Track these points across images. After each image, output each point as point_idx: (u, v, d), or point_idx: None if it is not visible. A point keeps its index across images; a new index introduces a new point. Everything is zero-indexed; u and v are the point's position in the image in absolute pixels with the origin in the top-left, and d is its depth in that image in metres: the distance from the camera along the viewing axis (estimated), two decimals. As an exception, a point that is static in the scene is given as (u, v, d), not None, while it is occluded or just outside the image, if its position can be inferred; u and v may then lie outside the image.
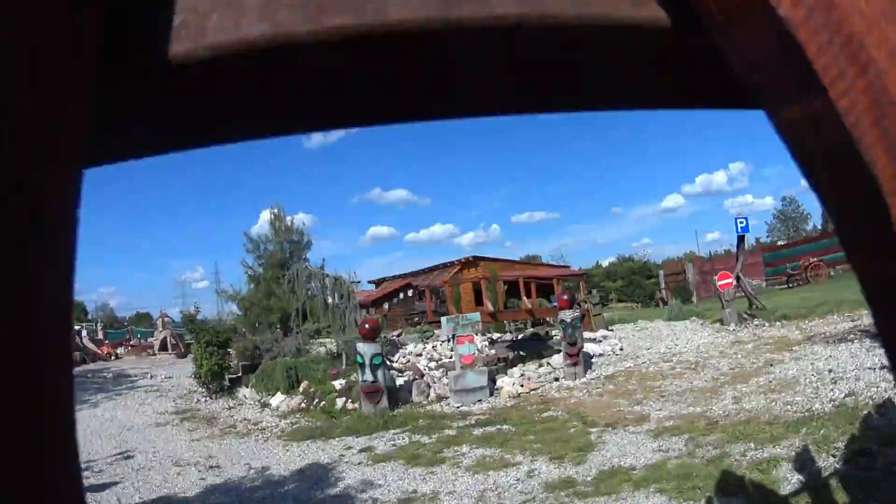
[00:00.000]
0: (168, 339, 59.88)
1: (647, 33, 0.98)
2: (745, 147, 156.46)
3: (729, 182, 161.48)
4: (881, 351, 8.61)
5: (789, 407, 13.39)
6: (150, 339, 67.88)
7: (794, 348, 19.90)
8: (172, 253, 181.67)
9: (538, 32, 0.96)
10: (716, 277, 30.37)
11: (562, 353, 22.90)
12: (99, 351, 59.35)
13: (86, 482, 14.65)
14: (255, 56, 0.94)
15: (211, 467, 16.30)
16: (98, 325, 77.79)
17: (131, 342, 70.69)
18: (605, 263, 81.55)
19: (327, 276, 32.10)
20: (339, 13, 0.92)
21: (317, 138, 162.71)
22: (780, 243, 76.24)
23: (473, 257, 55.55)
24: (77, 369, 46.48)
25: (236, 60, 0.94)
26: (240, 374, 29.84)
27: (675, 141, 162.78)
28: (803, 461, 9.91)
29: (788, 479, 9.52)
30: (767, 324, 26.18)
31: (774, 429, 11.99)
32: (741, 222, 31.11)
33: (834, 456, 9.98)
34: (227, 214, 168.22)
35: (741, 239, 31.57)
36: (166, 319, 71.73)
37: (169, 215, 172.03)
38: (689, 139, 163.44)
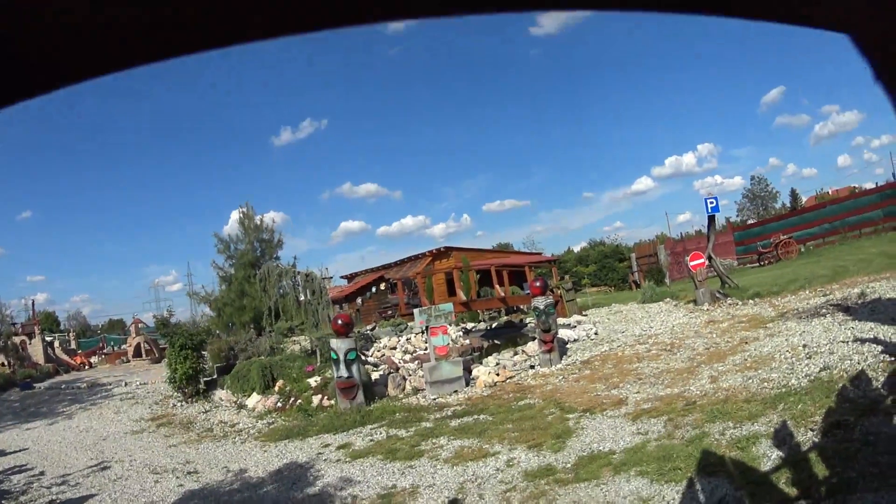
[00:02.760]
0: (142, 345, 59.86)
1: None
2: (713, 128, 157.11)
3: (698, 163, 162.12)
4: (854, 324, 8.73)
5: (766, 384, 13.44)
6: (123, 346, 67.73)
7: (767, 325, 20.02)
8: (145, 257, 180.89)
9: None
10: (688, 258, 30.38)
11: (536, 341, 23.01)
12: (72, 361, 59.30)
13: (62, 496, 14.76)
14: None
15: (189, 473, 16.27)
16: (70, 334, 77.55)
17: (105, 350, 70.56)
18: (576, 249, 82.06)
19: (298, 273, 32.11)
20: None
21: (286, 135, 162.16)
22: (750, 222, 76.75)
23: (445, 248, 55.78)
24: (51, 381, 46.57)
25: None
26: (215, 377, 29.78)
27: (644, 124, 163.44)
28: (782, 437, 9.94)
29: (768, 456, 9.53)
30: (740, 302, 26.30)
31: (752, 406, 12.03)
32: (711, 202, 31.22)
33: (812, 430, 10.00)
34: (198, 216, 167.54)
35: (711, 219, 31.65)
36: (139, 325, 71.78)
37: (140, 220, 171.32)
38: (657, 122, 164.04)
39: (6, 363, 49.14)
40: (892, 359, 12.25)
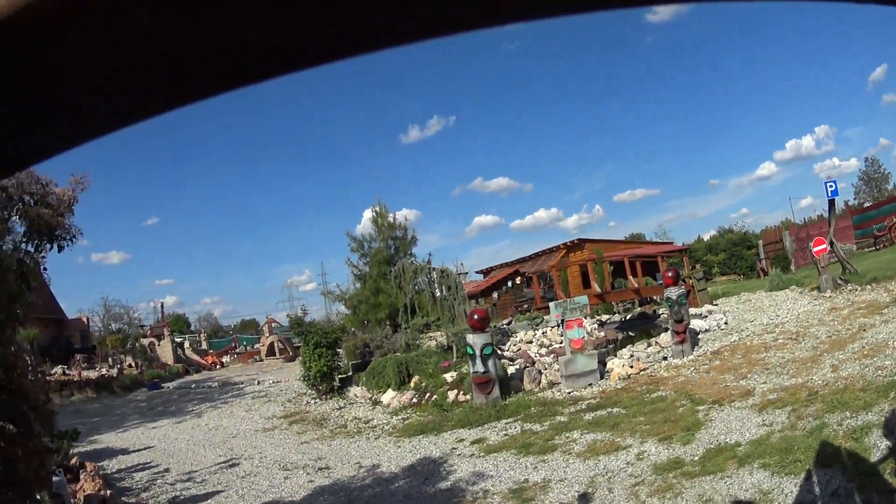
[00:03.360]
0: (275, 344, 60.53)
1: None
2: (826, 109, 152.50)
3: (816, 146, 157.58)
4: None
5: (880, 371, 13.53)
6: (256, 346, 68.62)
7: (883, 311, 19.87)
8: (277, 258, 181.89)
9: None
10: (811, 244, 30.14)
11: (669, 332, 23.09)
12: (203, 361, 60.59)
13: (186, 493, 15.35)
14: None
15: (320, 469, 16.68)
16: (201, 335, 78.85)
17: (237, 350, 71.46)
18: (706, 237, 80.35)
19: (434, 269, 32.46)
20: None
21: (414, 133, 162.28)
22: (866, 205, 74.71)
23: (579, 240, 54.88)
24: (180, 381, 48.07)
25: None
26: (350, 374, 30.26)
27: (763, 107, 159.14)
28: (891, 426, 10.05)
29: (878, 446, 9.75)
30: (859, 288, 25.97)
31: (867, 395, 12.17)
32: (830, 186, 30.76)
33: (921, 419, 10.11)
34: (330, 216, 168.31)
35: (832, 203, 31.19)
36: (273, 324, 72.26)
37: (271, 221, 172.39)
38: (775, 105, 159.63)
39: (134, 364, 50.50)
40: None
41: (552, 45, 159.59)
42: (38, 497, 8.15)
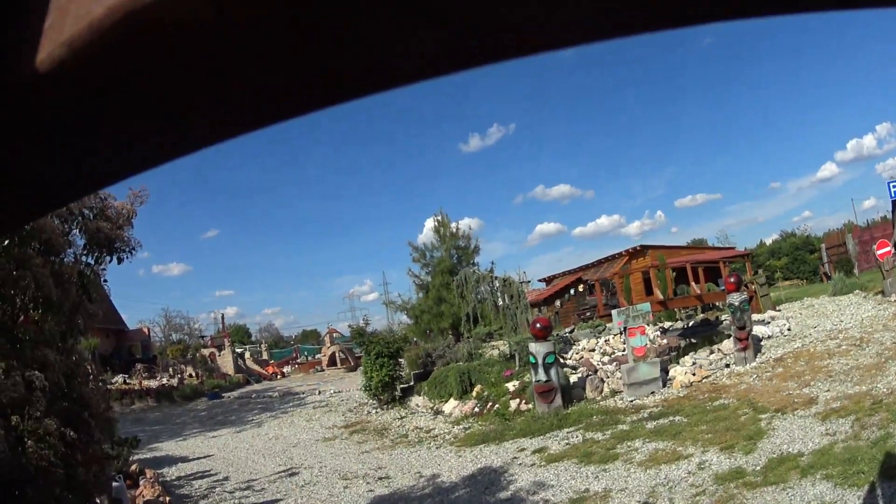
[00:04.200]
0: (337, 354, 61.10)
1: None
2: (888, 106, 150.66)
3: (878, 144, 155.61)
4: None
5: (949, 380, 13.12)
6: (317, 356, 69.08)
7: (954, 316, 19.39)
8: (338, 269, 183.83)
9: None
10: (875, 247, 29.60)
11: (732, 338, 22.72)
12: (264, 371, 61.31)
13: (245, 501, 15.21)
14: (109, 44, 0.78)
15: (380, 478, 16.61)
16: (262, 345, 79.66)
17: (298, 360, 72.10)
18: (768, 241, 79.72)
19: (496, 278, 32.40)
20: None
21: (474, 142, 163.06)
22: (933, 205, 73.65)
23: (641, 246, 54.88)
24: (240, 391, 48.59)
25: (93, 53, 0.79)
26: (411, 383, 30.14)
27: (822, 107, 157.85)
28: None
29: None
30: (926, 291, 25.32)
31: (935, 405, 11.80)
32: (894, 187, 30.35)
33: None
34: (391, 225, 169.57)
35: (895, 204, 30.73)
36: (334, 335, 72.80)
37: (333, 232, 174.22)
38: (834, 105, 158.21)
39: (195, 374, 51.09)
40: None
41: (609, 51, 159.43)
42: (97, 501, 8.30)
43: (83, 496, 7.46)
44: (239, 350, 66.23)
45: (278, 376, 61.48)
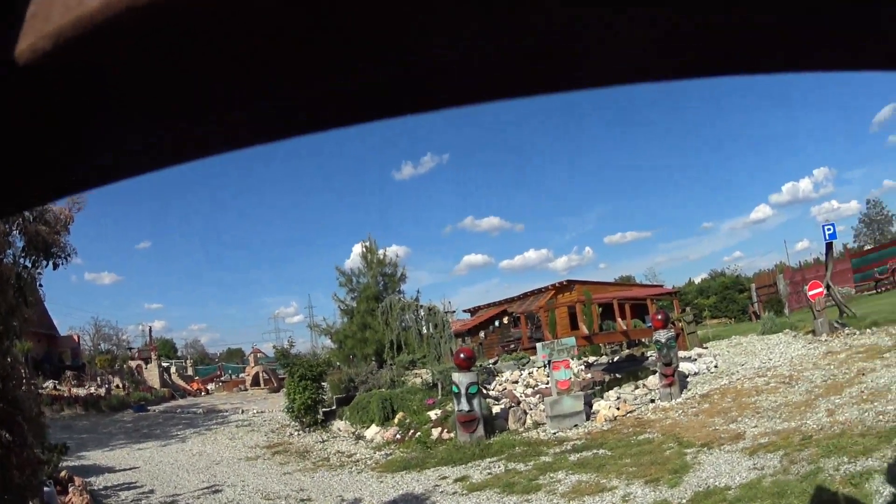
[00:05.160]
0: (261, 374, 60.81)
1: None
2: (827, 151, 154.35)
3: (814, 188, 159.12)
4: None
5: (881, 417, 13.20)
6: (241, 375, 69.03)
7: (884, 355, 19.54)
8: (265, 289, 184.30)
9: None
10: (806, 287, 29.90)
11: (657, 374, 22.85)
12: (188, 387, 61.03)
13: None
14: (102, 41, 0.73)
15: (302, 500, 16.52)
16: (188, 361, 79.73)
17: (222, 378, 72.00)
18: (697, 280, 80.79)
19: (421, 306, 32.62)
20: None
21: (407, 170, 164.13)
22: (867, 248, 75.17)
23: (568, 281, 55.28)
24: (166, 405, 48.37)
25: (81, 46, 0.74)
26: (334, 407, 30.12)
27: (760, 150, 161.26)
28: (895, 473, 9.75)
29: (881, 492, 9.37)
30: (858, 332, 25.59)
31: (867, 440, 11.83)
32: (828, 229, 30.73)
33: (927, 465, 9.80)
34: (319, 249, 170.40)
35: (829, 247, 31.10)
36: (259, 355, 73.10)
37: (260, 251, 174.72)
38: (773, 148, 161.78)
39: (121, 385, 50.69)
40: None
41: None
42: (30, 504, 8.23)
43: (18, 499, 7.54)
44: (165, 364, 65.91)
45: (203, 393, 61.21)
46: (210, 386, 65.98)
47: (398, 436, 23.27)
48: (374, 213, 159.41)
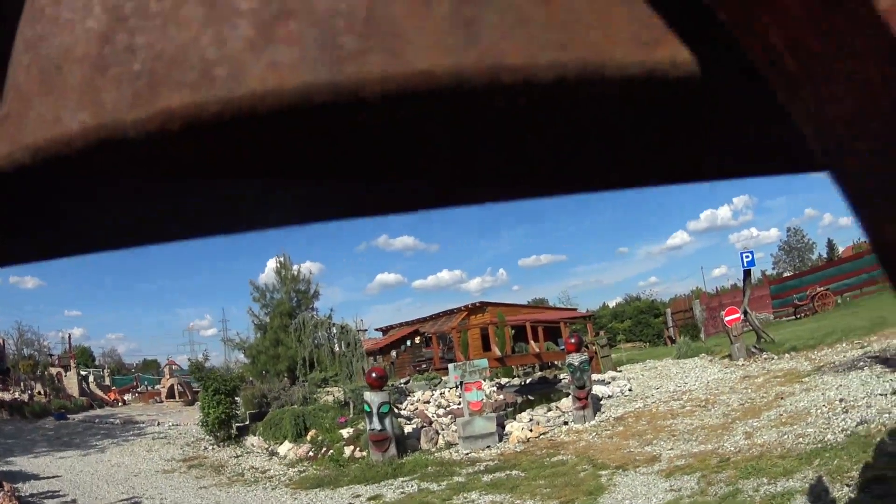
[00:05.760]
0: (175, 387, 60.45)
1: (665, 83, 0.71)
2: (749, 180, 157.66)
3: (734, 216, 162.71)
4: (893, 377, 8.52)
5: (801, 439, 13.24)
6: (157, 387, 68.71)
7: (803, 379, 19.75)
8: (180, 300, 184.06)
9: (481, 96, 0.71)
10: (723, 313, 30.19)
11: (570, 397, 22.86)
12: (106, 397, 60.65)
13: None
14: (80, 157, 0.70)
15: None
16: (105, 371, 79.10)
17: (138, 389, 71.70)
18: (612, 304, 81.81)
19: (334, 324, 32.52)
20: (175, 90, 0.67)
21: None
22: (786, 275, 76.37)
23: (481, 303, 55.55)
24: (85, 414, 47.67)
25: (61, 163, 0.71)
26: (247, 423, 30.08)
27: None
28: (818, 493, 9.79)
29: None
30: (776, 357, 25.91)
31: (787, 462, 11.84)
32: (747, 256, 31.20)
33: (848, 485, 9.82)
34: (234, 262, 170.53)
35: (747, 273, 31.55)
36: (174, 367, 72.87)
37: (177, 262, 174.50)
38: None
39: (43, 392, 50.23)
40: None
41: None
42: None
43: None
44: (84, 373, 65.23)
45: (119, 403, 60.61)
46: (127, 396, 65.65)
47: (311, 453, 23.20)
48: (290, 230, 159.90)
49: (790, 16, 0.57)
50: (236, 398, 30.25)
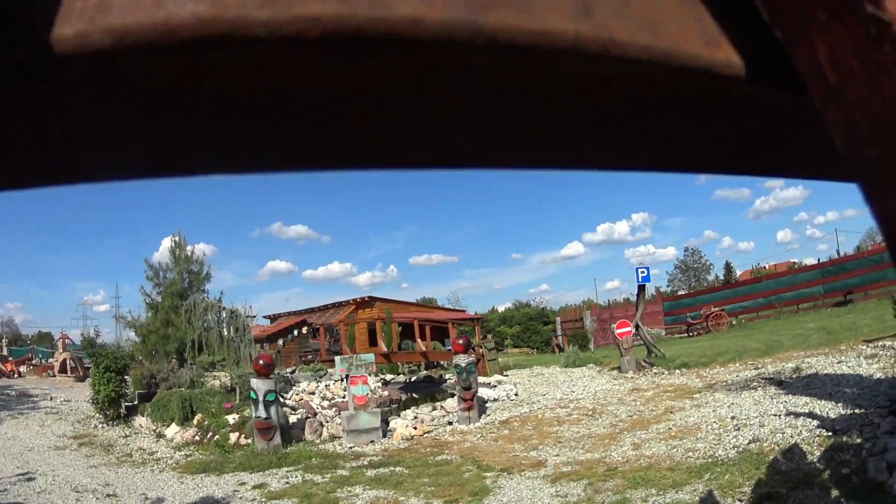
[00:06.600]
0: (68, 362, 59.46)
1: (719, 80, 0.81)
2: (648, 198, 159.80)
3: (631, 232, 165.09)
4: (787, 398, 8.72)
5: (691, 453, 13.43)
6: (50, 360, 67.65)
7: (694, 396, 20.02)
8: (76, 273, 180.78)
9: (593, 61, 0.75)
10: (615, 325, 30.55)
11: (456, 397, 23.02)
12: (3, 367, 59.32)
13: None
14: (181, 49, 0.65)
15: (108, 495, 16.28)
16: (3, 341, 77.63)
17: (33, 361, 70.52)
18: (501, 309, 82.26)
19: (224, 308, 32.41)
20: None
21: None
22: (680, 293, 77.57)
23: (369, 297, 56.00)
24: None
25: (152, 54, 0.66)
26: (136, 403, 29.82)
27: (579, 190, 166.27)
28: None
29: None
30: (667, 372, 26.29)
31: (677, 475, 12.00)
32: (642, 272, 31.63)
33: (740, 500, 10.01)
34: (130, 237, 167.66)
35: (641, 288, 31.98)
36: (67, 341, 71.67)
37: (73, 233, 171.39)
38: (593, 189, 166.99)
39: None
40: (830, 434, 12.31)
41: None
42: None
43: None
44: (-21, 342, 64.17)
45: (16, 375, 59.38)
46: (22, 368, 64.49)
47: (197, 437, 23.16)
48: (187, 208, 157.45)
49: (837, 39, 0.68)
50: (126, 377, 30.00)
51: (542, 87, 0.84)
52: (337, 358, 25.49)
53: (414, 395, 29.10)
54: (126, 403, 29.33)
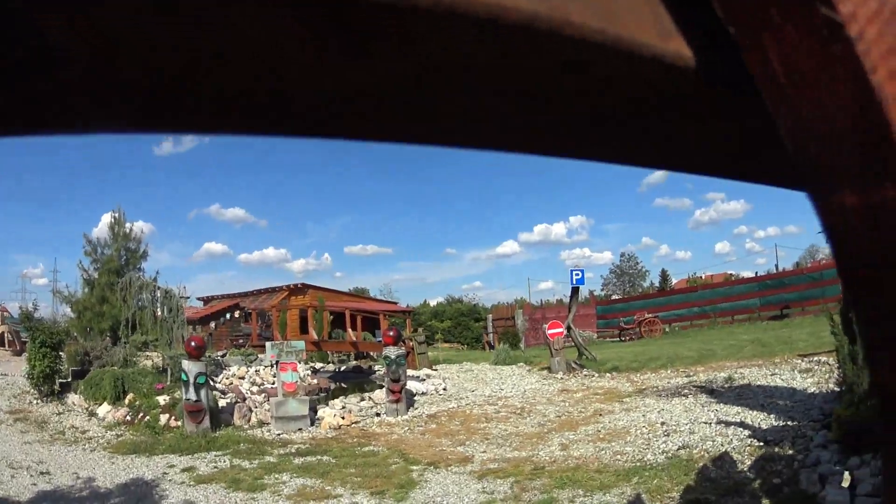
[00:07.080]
0: (5, 335, 58.67)
1: (672, 72, 0.86)
2: (588, 201, 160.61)
3: (568, 234, 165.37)
4: (718, 407, 8.85)
5: (620, 456, 13.57)
6: None
7: (624, 400, 20.16)
8: (17, 246, 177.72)
9: (547, 41, 0.79)
10: (546, 326, 30.63)
11: (385, 389, 23.07)
12: None
13: None
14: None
15: (42, 473, 16.30)
16: None
17: None
18: (433, 303, 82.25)
19: (158, 288, 32.32)
20: None
21: (167, 146, 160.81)
22: (614, 297, 77.98)
23: (303, 284, 55.90)
24: None
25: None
26: (69, 380, 29.49)
27: (516, 189, 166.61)
28: None
29: None
30: (597, 374, 26.45)
31: (604, 477, 12.12)
32: (576, 274, 31.67)
33: (667, 505, 10.08)
34: (70, 210, 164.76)
35: (575, 290, 32.03)
36: (5, 314, 70.68)
37: (14, 205, 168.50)
38: (531, 189, 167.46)
39: None
40: (761, 444, 12.49)
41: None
42: None
43: None
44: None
45: None
46: None
47: (129, 417, 23.02)
48: (128, 184, 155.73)
49: (788, 40, 0.73)
50: (61, 353, 29.79)
51: (541, 87, 0.90)
52: (268, 344, 25.51)
53: (343, 384, 29.26)
54: (60, 380, 29.06)
